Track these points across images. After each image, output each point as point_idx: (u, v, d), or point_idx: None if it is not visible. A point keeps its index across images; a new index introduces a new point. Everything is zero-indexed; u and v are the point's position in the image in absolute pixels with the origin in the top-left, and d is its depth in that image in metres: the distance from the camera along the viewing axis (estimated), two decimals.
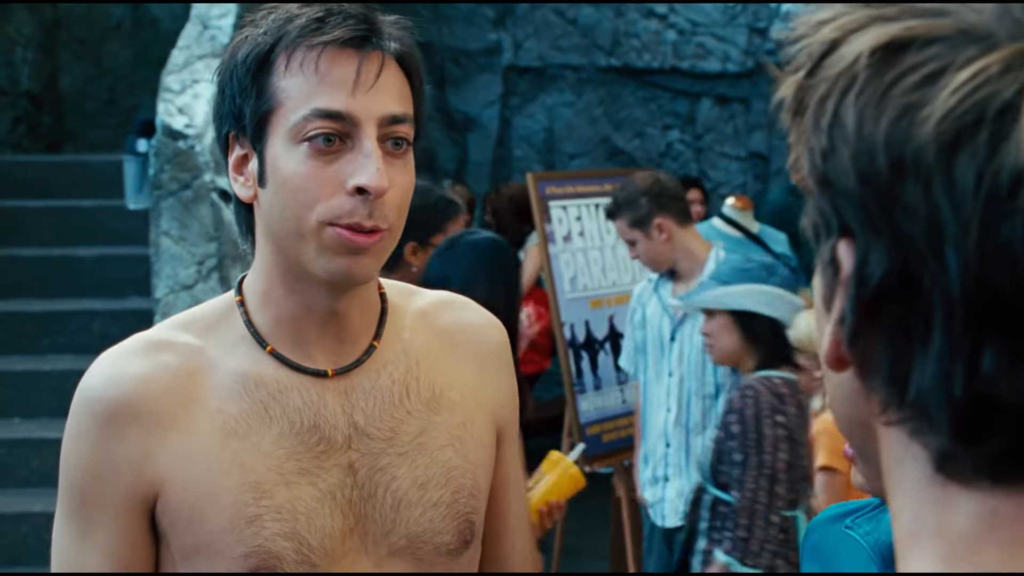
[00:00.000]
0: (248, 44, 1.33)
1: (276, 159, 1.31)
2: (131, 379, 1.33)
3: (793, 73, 0.66)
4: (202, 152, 4.90)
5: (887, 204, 0.59)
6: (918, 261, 0.58)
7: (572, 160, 8.46)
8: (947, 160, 0.57)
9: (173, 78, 5.19)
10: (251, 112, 1.31)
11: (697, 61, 8.13)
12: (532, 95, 8.53)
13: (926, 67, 0.58)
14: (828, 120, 0.62)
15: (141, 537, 1.34)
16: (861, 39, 0.61)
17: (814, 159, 0.63)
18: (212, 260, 4.92)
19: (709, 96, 8.25)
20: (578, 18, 8.30)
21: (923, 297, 0.58)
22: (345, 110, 1.28)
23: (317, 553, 1.34)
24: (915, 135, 0.58)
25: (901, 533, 0.64)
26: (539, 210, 4.89)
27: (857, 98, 0.60)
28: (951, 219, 0.57)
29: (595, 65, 8.32)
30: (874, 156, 0.59)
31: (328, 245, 1.30)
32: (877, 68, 0.60)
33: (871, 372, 0.63)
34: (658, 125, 8.38)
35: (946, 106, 0.57)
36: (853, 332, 0.62)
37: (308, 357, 1.38)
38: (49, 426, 5.22)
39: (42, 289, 5.90)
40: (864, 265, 0.60)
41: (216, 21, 5.47)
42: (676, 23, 8.14)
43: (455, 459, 1.44)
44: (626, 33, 8.23)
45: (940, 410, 0.59)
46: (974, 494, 0.61)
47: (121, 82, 8.42)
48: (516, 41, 8.44)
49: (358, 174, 1.28)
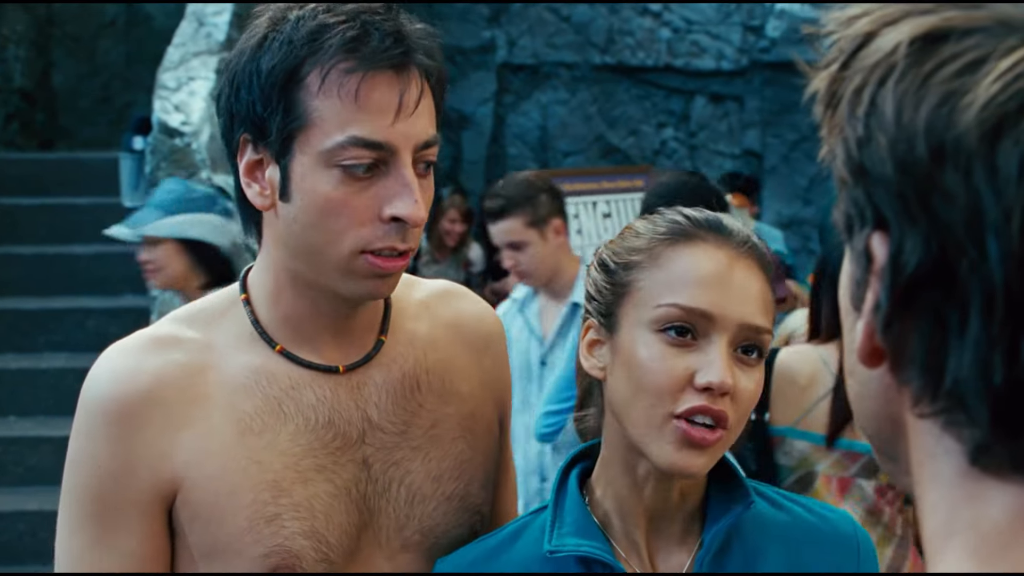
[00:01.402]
0: (274, 53, 1.26)
1: (305, 178, 1.27)
2: (143, 376, 1.31)
3: (824, 68, 0.66)
4: (199, 149, 4.89)
5: (925, 192, 0.58)
6: (956, 249, 0.58)
7: (566, 158, 8.46)
8: (989, 147, 0.57)
9: (169, 75, 5.18)
10: (278, 127, 1.27)
11: (691, 59, 8.14)
12: (526, 93, 8.53)
13: (967, 56, 0.58)
14: (865, 109, 0.62)
15: (161, 535, 1.33)
16: (899, 30, 0.61)
17: (849, 149, 0.63)
18: None
19: (703, 94, 8.26)
20: (572, 16, 8.30)
21: (960, 285, 0.58)
22: (384, 140, 1.25)
23: (335, 550, 1.33)
24: (957, 122, 0.57)
25: (935, 528, 0.64)
26: None
27: (896, 86, 0.60)
28: (993, 206, 0.56)
29: (589, 63, 8.32)
30: (913, 143, 0.59)
31: (356, 271, 1.29)
32: (916, 57, 0.60)
33: (905, 363, 0.62)
34: (652, 123, 8.38)
35: (989, 93, 0.57)
36: (887, 321, 0.62)
37: (317, 353, 1.37)
38: (45, 424, 5.22)
39: (38, 287, 5.89)
40: (899, 254, 0.60)
41: (212, 18, 5.46)
42: (670, 21, 8.15)
43: (467, 451, 1.44)
44: (620, 31, 8.24)
45: (978, 399, 0.59)
46: (1009, 487, 0.60)
47: (115, 79, 8.41)
48: (510, 39, 8.44)
49: (396, 204, 1.26)
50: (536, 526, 1.35)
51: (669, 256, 1.27)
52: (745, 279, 1.27)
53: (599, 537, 1.29)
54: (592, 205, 5.07)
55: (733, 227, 1.30)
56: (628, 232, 1.34)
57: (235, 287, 1.41)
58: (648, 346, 1.25)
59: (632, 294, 1.28)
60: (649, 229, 1.31)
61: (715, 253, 1.27)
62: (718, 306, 1.24)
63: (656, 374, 1.24)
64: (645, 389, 1.24)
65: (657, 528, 1.32)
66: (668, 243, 1.28)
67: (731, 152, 8.27)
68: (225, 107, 1.32)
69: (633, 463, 1.30)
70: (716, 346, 1.23)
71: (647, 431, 1.25)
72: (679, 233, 1.28)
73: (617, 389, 1.29)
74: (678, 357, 1.24)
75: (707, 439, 1.23)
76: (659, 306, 1.25)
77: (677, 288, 1.25)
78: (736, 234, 1.29)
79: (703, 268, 1.26)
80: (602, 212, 5.10)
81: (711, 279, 1.25)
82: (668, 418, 1.23)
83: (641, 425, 1.25)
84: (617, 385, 1.29)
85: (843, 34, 0.65)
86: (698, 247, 1.27)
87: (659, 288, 1.26)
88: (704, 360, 1.23)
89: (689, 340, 1.24)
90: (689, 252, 1.27)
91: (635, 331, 1.27)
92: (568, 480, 1.36)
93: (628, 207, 5.17)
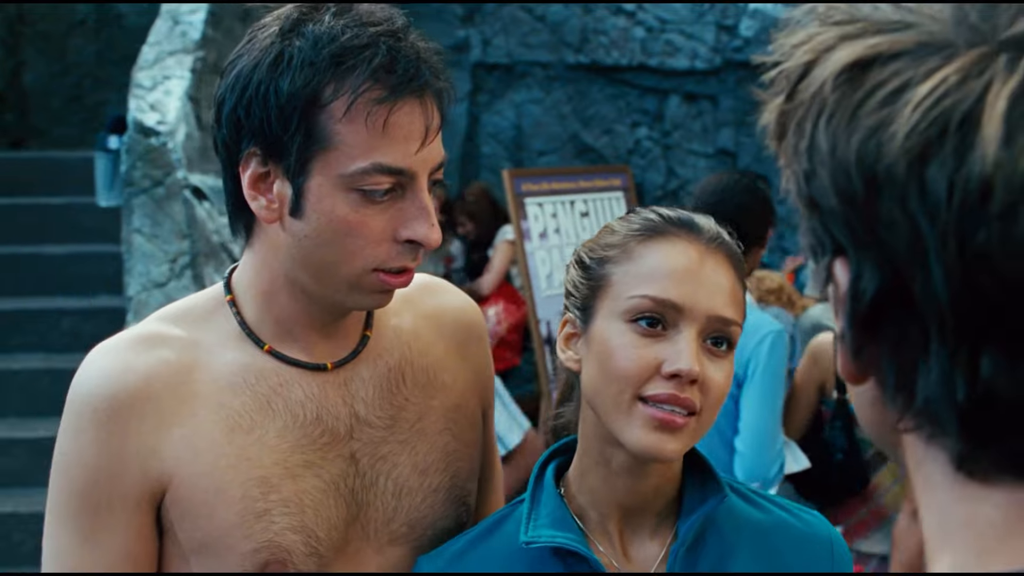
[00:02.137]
0: (294, 74, 1.25)
1: (322, 200, 1.27)
2: (132, 374, 1.31)
3: (775, 97, 0.67)
4: (175, 149, 4.87)
5: (869, 221, 0.60)
6: (907, 273, 0.59)
7: (540, 157, 8.47)
8: (918, 174, 0.58)
9: (144, 74, 5.15)
10: (297, 149, 1.26)
11: (665, 58, 8.16)
12: (500, 92, 8.53)
13: (890, 84, 0.60)
14: (806, 144, 0.63)
15: (149, 533, 1.33)
16: (830, 60, 0.63)
17: (799, 182, 0.65)
18: (185, 258, 4.88)
19: (677, 93, 8.28)
20: (547, 15, 8.31)
21: (917, 307, 0.59)
22: (407, 167, 1.27)
23: (324, 545, 1.34)
24: (885, 152, 0.59)
25: (932, 529, 0.65)
26: (515, 207, 4.89)
27: (829, 121, 0.62)
28: (930, 230, 0.58)
29: (563, 62, 8.33)
30: (850, 176, 0.60)
31: (364, 286, 1.31)
32: (844, 90, 0.61)
33: (880, 383, 0.64)
34: (626, 122, 8.40)
35: (911, 122, 0.58)
36: (855, 347, 0.64)
37: (305, 351, 1.38)
38: (17, 426, 5.17)
39: (11, 287, 5.84)
40: (858, 280, 0.62)
41: (187, 17, 5.43)
42: (644, 20, 8.17)
43: (453, 443, 1.46)
44: (594, 30, 8.25)
45: (948, 415, 0.60)
46: (997, 488, 0.61)
47: (86, 78, 8.35)
48: (484, 38, 8.44)
49: (414, 227, 1.29)
50: (514, 518, 1.38)
51: (641, 252, 1.31)
52: (714, 272, 1.30)
53: (574, 528, 1.32)
54: (570, 204, 5.08)
55: (704, 224, 1.34)
56: (605, 231, 1.39)
57: (218, 288, 1.42)
58: (620, 335, 1.29)
59: (606, 287, 1.32)
60: (624, 226, 1.35)
61: (686, 248, 1.31)
62: (688, 298, 1.27)
63: (625, 361, 1.27)
64: (614, 375, 1.28)
65: (631, 520, 1.35)
66: (641, 239, 1.32)
67: (705, 151, 8.30)
68: (231, 117, 1.30)
69: (608, 455, 1.33)
70: (684, 336, 1.27)
71: (617, 416, 1.28)
72: (652, 229, 1.33)
73: (590, 378, 1.32)
74: (648, 347, 1.27)
75: (676, 421, 1.26)
76: (631, 297, 1.29)
77: (648, 281, 1.29)
78: (707, 231, 1.33)
79: (674, 262, 1.30)
80: (580, 211, 5.11)
81: (681, 272, 1.29)
82: (635, 400, 1.27)
83: (611, 410, 1.29)
84: (590, 374, 1.32)
85: (786, 65, 0.66)
86: (669, 242, 1.31)
87: (631, 280, 1.30)
88: (673, 350, 1.27)
89: (659, 331, 1.28)
90: (661, 247, 1.31)
91: (608, 322, 1.30)
92: (545, 474, 1.39)
93: (606, 206, 5.18)
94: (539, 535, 1.31)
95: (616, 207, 5.21)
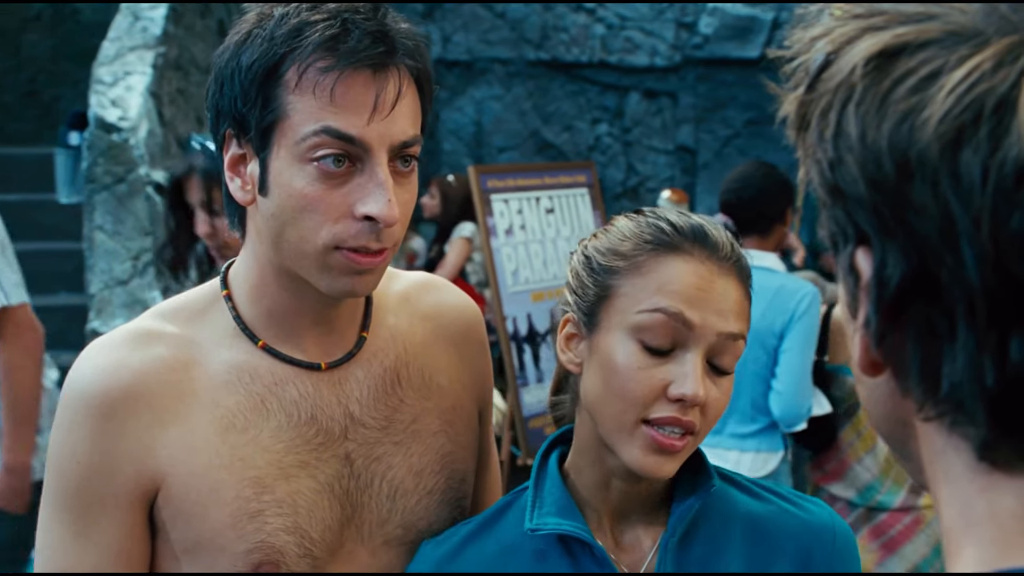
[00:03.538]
0: (254, 49, 1.27)
1: (281, 173, 1.27)
2: (126, 371, 1.30)
3: (793, 90, 0.68)
4: (137, 145, 4.82)
5: (898, 206, 0.60)
6: (935, 259, 0.60)
7: (501, 154, 8.47)
8: (951, 158, 0.58)
9: (104, 70, 5.10)
10: (256, 121, 1.27)
11: (625, 55, 8.19)
12: (461, 89, 8.53)
13: (921, 71, 0.60)
14: (832, 131, 0.64)
15: (141, 531, 1.32)
16: (855, 50, 0.63)
17: (823, 171, 0.65)
18: (148, 255, 4.84)
19: (637, 90, 8.31)
20: (507, 12, 8.31)
21: (943, 293, 0.60)
22: (358, 136, 1.25)
23: (318, 546, 1.34)
24: (918, 138, 0.59)
25: (951, 522, 0.65)
26: (481, 203, 4.89)
27: (857, 108, 0.62)
28: (962, 215, 0.58)
29: (524, 59, 8.34)
30: (880, 162, 0.61)
31: (332, 266, 1.28)
32: (874, 77, 0.62)
33: (903, 372, 0.64)
34: (587, 119, 8.42)
35: (944, 106, 0.59)
36: (880, 334, 0.64)
37: (300, 349, 1.37)
38: None
39: None
40: (883, 268, 0.62)
41: (147, 12, 5.38)
42: (604, 17, 8.19)
43: (448, 444, 1.45)
44: (555, 27, 8.27)
45: (974, 402, 0.61)
46: (1021, 479, 0.62)
47: (41, 73, 8.25)
48: (445, 34, 8.43)
49: (368, 202, 1.26)
50: (518, 505, 1.39)
51: (652, 266, 1.30)
52: (725, 291, 1.29)
53: (578, 516, 1.33)
54: (535, 200, 5.08)
55: (718, 239, 1.32)
56: (614, 231, 1.36)
57: (216, 283, 1.41)
58: (626, 353, 1.28)
59: (614, 298, 1.30)
60: (635, 234, 1.33)
61: (698, 267, 1.29)
62: (698, 317, 1.27)
63: (631, 382, 1.27)
64: (619, 394, 1.27)
65: (623, 512, 1.36)
66: (652, 252, 1.30)
67: (664, 148, 8.34)
68: (211, 103, 1.32)
69: (603, 457, 1.33)
70: (691, 357, 1.27)
71: (618, 434, 1.28)
72: (663, 244, 1.31)
73: (591, 388, 1.31)
74: (655, 367, 1.27)
75: (675, 446, 1.26)
76: (640, 312, 1.28)
77: (659, 296, 1.28)
78: (720, 247, 1.31)
79: (685, 280, 1.28)
80: (545, 207, 5.11)
81: (692, 292, 1.28)
82: (638, 423, 1.27)
83: (612, 427, 1.28)
84: (592, 384, 1.31)
85: (807, 56, 0.67)
86: (681, 259, 1.29)
87: (641, 295, 1.29)
88: (679, 371, 1.26)
89: (666, 353, 1.27)
90: (672, 263, 1.29)
91: (614, 335, 1.29)
92: (548, 461, 1.40)
93: (571, 203, 5.19)
94: (545, 523, 1.32)
95: (581, 204, 5.22)
